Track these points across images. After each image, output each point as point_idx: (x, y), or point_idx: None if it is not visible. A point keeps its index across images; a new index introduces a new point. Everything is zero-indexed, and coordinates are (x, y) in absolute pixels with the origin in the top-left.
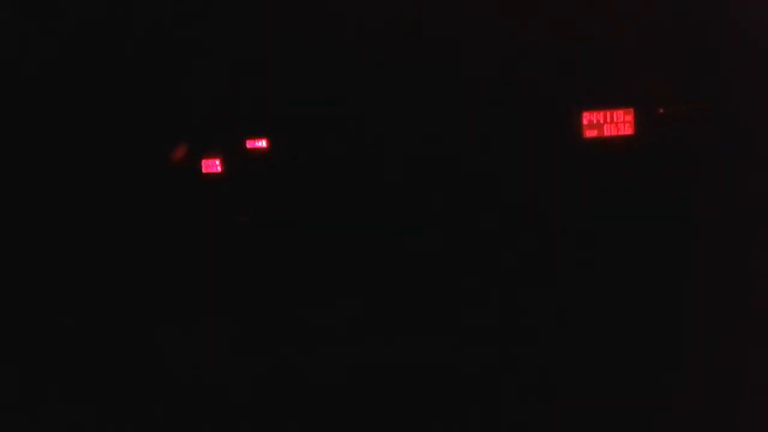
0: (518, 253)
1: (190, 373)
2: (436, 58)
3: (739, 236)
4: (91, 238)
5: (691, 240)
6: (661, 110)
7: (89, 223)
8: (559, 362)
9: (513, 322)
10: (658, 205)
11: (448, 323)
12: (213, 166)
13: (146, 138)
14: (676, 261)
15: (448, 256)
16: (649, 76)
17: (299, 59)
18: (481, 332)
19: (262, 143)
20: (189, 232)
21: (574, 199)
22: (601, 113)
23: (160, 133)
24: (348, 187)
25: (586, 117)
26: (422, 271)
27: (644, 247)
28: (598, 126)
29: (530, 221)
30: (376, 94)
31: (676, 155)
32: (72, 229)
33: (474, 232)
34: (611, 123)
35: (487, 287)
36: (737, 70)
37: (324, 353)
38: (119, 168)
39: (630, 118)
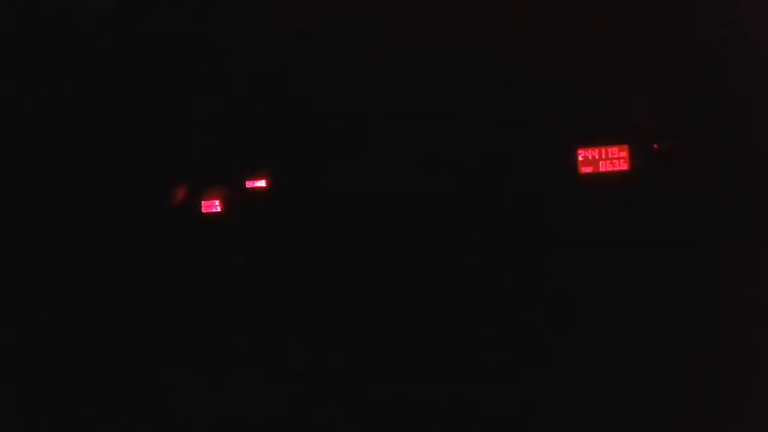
0: (516, 287)
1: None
2: (435, 95)
3: (736, 267)
4: (92, 278)
5: (688, 271)
6: (656, 146)
7: (89, 263)
8: (559, 377)
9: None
10: (654, 237)
11: (448, 356)
12: (213, 206)
13: (147, 179)
14: (673, 292)
15: (446, 293)
16: (644, 113)
17: (298, 99)
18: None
19: (262, 183)
20: (189, 272)
21: (571, 233)
22: (596, 150)
23: (160, 174)
24: (348, 224)
25: (582, 153)
26: (421, 305)
27: (641, 280)
28: (594, 162)
29: (527, 255)
30: (373, 134)
31: (671, 189)
32: (72, 267)
33: (472, 268)
34: (606, 159)
35: (485, 321)
36: (733, 104)
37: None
38: (119, 209)
39: (624, 154)
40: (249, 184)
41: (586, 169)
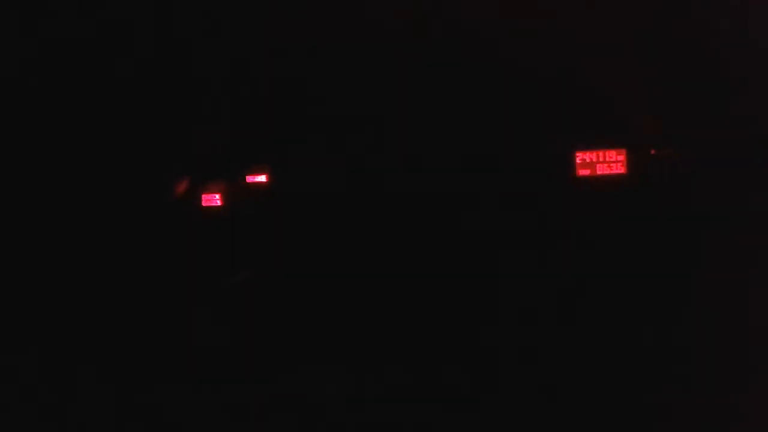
0: (513, 289)
1: None
2: (437, 95)
3: (734, 271)
4: (92, 272)
5: (683, 278)
6: (653, 151)
7: (90, 257)
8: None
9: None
10: (650, 240)
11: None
12: (213, 200)
13: (147, 173)
14: (669, 297)
15: (448, 295)
16: (642, 118)
17: (300, 95)
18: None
19: (262, 178)
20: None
21: (568, 235)
22: (594, 153)
23: (160, 168)
24: (349, 223)
25: (579, 156)
26: (420, 307)
27: (638, 283)
28: (591, 165)
29: (525, 256)
30: (377, 132)
31: (667, 194)
32: (72, 263)
33: (469, 269)
34: (604, 162)
35: (484, 326)
36: (732, 111)
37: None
38: (120, 202)
39: (622, 158)
40: (249, 178)
41: (583, 172)
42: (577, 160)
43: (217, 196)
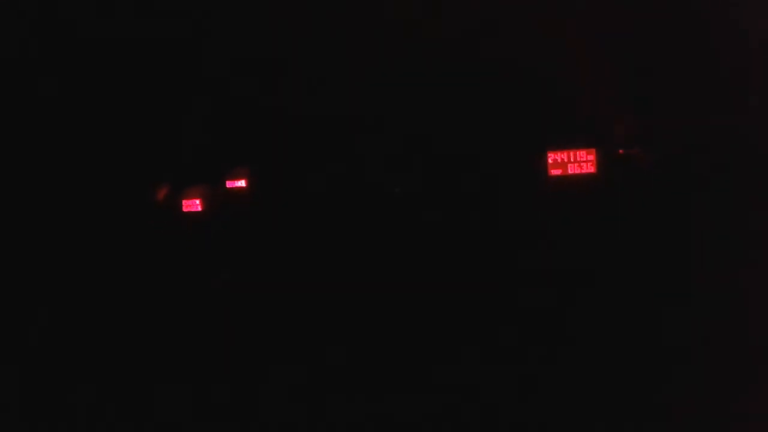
0: (489, 286)
1: None
2: (412, 100)
3: (697, 269)
4: (76, 275)
5: (648, 270)
6: (621, 151)
7: (74, 260)
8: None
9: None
10: (619, 234)
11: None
12: (193, 205)
13: (129, 179)
14: (638, 289)
15: (424, 291)
16: (612, 120)
17: (281, 103)
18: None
19: (242, 183)
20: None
21: (541, 230)
22: (565, 153)
23: (142, 174)
24: (326, 227)
25: (551, 156)
26: (399, 310)
27: (608, 275)
28: (563, 165)
29: (500, 253)
30: (350, 136)
31: (634, 191)
32: (58, 266)
33: (445, 268)
34: (575, 162)
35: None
36: (698, 114)
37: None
38: (103, 206)
39: (592, 157)
40: (229, 184)
41: (555, 172)
42: (549, 160)
43: (198, 202)
